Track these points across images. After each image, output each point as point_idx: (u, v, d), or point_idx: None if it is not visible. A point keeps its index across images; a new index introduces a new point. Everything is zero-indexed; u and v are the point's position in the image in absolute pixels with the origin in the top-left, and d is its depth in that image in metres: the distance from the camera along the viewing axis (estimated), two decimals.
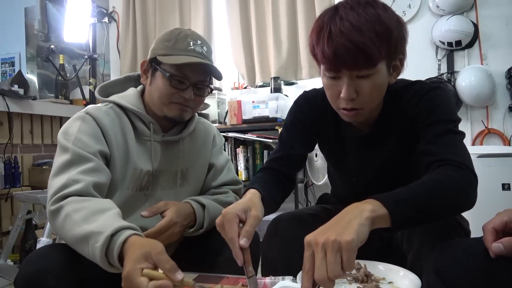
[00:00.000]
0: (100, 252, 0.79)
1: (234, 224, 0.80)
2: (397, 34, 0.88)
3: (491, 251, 0.67)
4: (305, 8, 2.84)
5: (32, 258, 0.90)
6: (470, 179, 0.84)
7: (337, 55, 0.84)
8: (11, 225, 2.33)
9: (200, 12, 3.18)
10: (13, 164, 2.44)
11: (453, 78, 2.55)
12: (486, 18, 2.51)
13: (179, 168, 1.17)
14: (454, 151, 0.87)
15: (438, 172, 0.84)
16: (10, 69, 3.72)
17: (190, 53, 1.07)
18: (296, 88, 2.96)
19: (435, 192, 0.79)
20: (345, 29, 0.83)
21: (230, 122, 2.76)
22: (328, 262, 0.65)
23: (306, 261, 0.68)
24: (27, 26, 3.63)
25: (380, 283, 0.86)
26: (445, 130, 0.91)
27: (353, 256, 0.66)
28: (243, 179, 2.75)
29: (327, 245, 0.66)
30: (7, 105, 2.21)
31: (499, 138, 2.50)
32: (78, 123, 1.03)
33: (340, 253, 0.65)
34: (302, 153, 1.12)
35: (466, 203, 0.83)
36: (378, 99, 0.95)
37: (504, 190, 1.98)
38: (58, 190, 0.92)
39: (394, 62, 0.92)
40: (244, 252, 0.79)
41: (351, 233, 0.66)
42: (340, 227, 0.68)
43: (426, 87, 0.98)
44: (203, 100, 1.15)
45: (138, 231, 0.85)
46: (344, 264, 0.65)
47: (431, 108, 0.94)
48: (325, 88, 0.95)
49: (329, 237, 0.66)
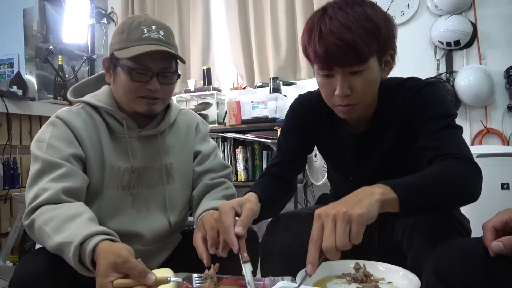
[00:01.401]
0: (74, 261, 0.80)
1: (230, 215, 0.84)
2: (385, 30, 0.91)
3: (491, 250, 0.67)
4: (303, 8, 2.84)
5: (26, 260, 0.90)
6: (475, 172, 0.85)
7: (329, 54, 0.87)
8: (10, 226, 2.33)
9: (199, 13, 3.18)
10: (12, 165, 2.44)
11: (452, 78, 2.55)
12: (484, 18, 2.51)
13: (162, 163, 1.12)
14: (456, 146, 0.89)
15: (444, 164, 0.85)
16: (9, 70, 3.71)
17: (146, 41, 1.01)
18: (295, 88, 2.96)
19: (442, 182, 0.80)
20: (335, 28, 0.86)
21: (229, 122, 2.76)
22: (337, 232, 0.68)
23: (314, 232, 0.71)
24: (25, 27, 3.63)
25: (379, 283, 0.86)
26: (444, 125, 0.92)
27: (362, 229, 0.68)
28: (242, 179, 2.75)
29: (338, 216, 0.69)
30: (5, 106, 2.21)
31: (498, 137, 2.50)
32: (50, 129, 1.01)
33: (349, 225, 0.68)
34: (300, 157, 1.14)
35: (472, 195, 0.84)
36: (372, 94, 0.97)
37: (503, 189, 1.98)
38: (30, 202, 0.91)
39: (385, 58, 0.95)
40: (239, 240, 0.81)
41: (362, 208, 0.69)
42: (351, 203, 0.71)
43: (419, 83, 1.00)
44: (172, 88, 1.09)
45: (108, 234, 0.84)
46: (353, 235, 0.68)
47: (427, 105, 0.95)
48: (320, 87, 0.97)
49: (340, 209, 0.69)
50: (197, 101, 2.96)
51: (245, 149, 2.79)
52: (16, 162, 2.46)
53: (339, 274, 0.92)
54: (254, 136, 2.70)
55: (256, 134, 2.71)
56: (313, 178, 2.67)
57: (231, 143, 2.80)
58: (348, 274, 0.91)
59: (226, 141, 2.82)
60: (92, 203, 0.98)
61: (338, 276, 0.92)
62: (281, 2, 2.91)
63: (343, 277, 0.91)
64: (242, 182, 2.74)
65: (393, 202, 0.74)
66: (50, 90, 3.20)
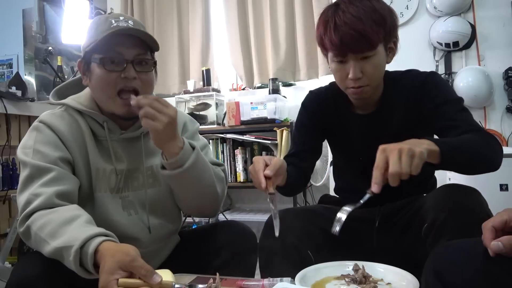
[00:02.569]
0: (74, 266, 0.79)
1: (261, 163, 0.97)
2: (390, 20, 1.06)
3: (491, 250, 0.67)
4: (303, 9, 2.84)
5: (23, 263, 0.89)
6: (499, 144, 0.99)
7: (343, 42, 1.01)
8: (9, 227, 2.32)
9: (198, 13, 3.18)
10: (11, 166, 2.44)
11: (451, 79, 2.56)
12: (483, 19, 2.51)
13: (146, 166, 1.09)
14: (476, 124, 1.03)
15: (474, 133, 0.98)
16: (8, 71, 3.71)
17: (114, 29, 0.97)
18: (294, 89, 2.96)
19: (476, 144, 0.95)
20: (348, 20, 1.00)
21: (229, 123, 2.76)
22: (403, 161, 0.81)
23: (379, 161, 0.84)
24: (25, 28, 3.63)
25: (378, 284, 0.86)
26: (460, 108, 1.06)
27: (421, 163, 0.81)
28: (241, 180, 2.75)
29: (403, 150, 0.82)
30: (5, 107, 2.20)
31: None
32: (34, 134, 1.00)
33: (412, 158, 0.81)
34: (314, 146, 1.26)
35: (497, 162, 0.97)
36: (380, 77, 1.11)
37: (502, 190, 1.98)
38: (22, 208, 0.90)
39: (389, 45, 1.10)
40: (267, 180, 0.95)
41: (422, 148, 0.83)
42: (411, 143, 0.84)
43: (423, 72, 1.15)
44: (150, 77, 1.03)
45: (108, 235, 0.83)
46: (413, 166, 0.81)
47: (437, 90, 1.09)
48: (334, 72, 1.10)
49: (404, 146, 0.83)
50: (196, 102, 2.97)
51: (244, 150, 2.79)
52: (15, 163, 2.46)
53: (338, 275, 0.92)
54: (253, 137, 2.70)
55: (255, 135, 2.71)
56: (312, 179, 2.67)
57: (230, 144, 2.80)
58: (347, 275, 0.91)
59: (225, 142, 2.82)
60: (84, 207, 0.96)
61: (337, 277, 0.92)
62: (280, 3, 2.91)
63: (342, 278, 0.91)
64: (241, 183, 2.74)
65: (436, 153, 0.87)
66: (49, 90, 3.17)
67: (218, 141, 2.84)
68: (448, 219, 0.90)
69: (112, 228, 0.90)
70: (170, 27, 3.26)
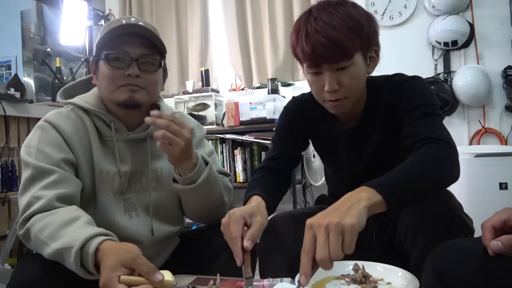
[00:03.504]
0: (75, 266, 0.79)
1: (240, 225, 0.83)
2: (367, 27, 0.97)
3: (490, 249, 0.67)
4: (301, 9, 2.84)
5: (23, 265, 0.89)
6: (450, 152, 0.89)
7: (316, 52, 0.93)
8: (8, 229, 2.32)
9: (197, 14, 3.18)
10: (10, 167, 2.43)
11: (450, 78, 2.56)
12: (481, 18, 2.52)
13: (151, 169, 1.08)
14: (433, 130, 0.93)
15: (420, 152, 0.89)
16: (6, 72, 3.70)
17: (119, 24, 0.99)
18: (293, 89, 2.96)
19: (420, 171, 0.84)
20: (320, 28, 0.92)
21: (228, 123, 2.76)
22: (330, 243, 0.68)
23: (307, 242, 0.71)
24: (23, 29, 3.62)
25: (378, 284, 0.86)
26: (424, 113, 0.96)
27: (355, 238, 0.69)
28: (241, 180, 2.75)
29: (330, 227, 0.69)
30: (3, 109, 2.20)
31: (496, 137, 2.50)
32: (38, 133, 0.99)
33: (342, 235, 0.69)
34: (295, 152, 1.19)
35: (451, 176, 0.87)
36: (359, 88, 1.02)
37: (501, 189, 1.98)
38: (23, 211, 0.90)
39: (370, 54, 1.01)
40: (244, 254, 0.81)
41: (353, 218, 0.70)
42: (341, 212, 0.72)
43: (404, 77, 1.05)
44: (155, 78, 1.03)
45: (109, 235, 0.83)
46: (346, 246, 0.68)
47: (409, 96, 1.00)
48: (310, 84, 1.02)
49: (332, 220, 0.70)
50: (195, 103, 2.97)
51: (244, 150, 2.79)
52: (14, 165, 2.46)
53: (338, 275, 0.92)
54: (252, 137, 2.70)
55: (255, 135, 2.71)
56: (312, 179, 2.67)
57: (230, 144, 2.80)
58: (347, 275, 0.91)
59: (225, 142, 2.82)
60: (86, 209, 0.96)
61: (337, 277, 0.92)
62: (278, 3, 2.91)
63: (342, 278, 0.91)
64: (241, 183, 2.74)
65: (380, 203, 0.76)
66: (48, 92, 3.19)
67: (218, 142, 2.84)
68: (419, 225, 0.91)
69: (113, 230, 0.90)
70: (168, 27, 3.26)
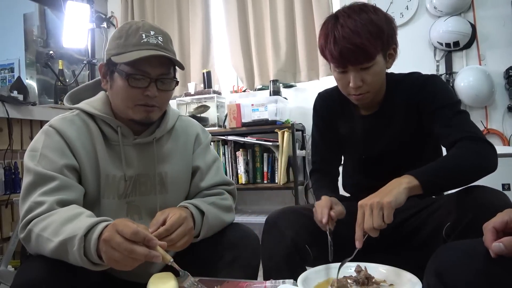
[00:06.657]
0: (79, 255, 0.79)
1: (329, 203, 1.08)
2: (387, 30, 1.09)
3: (492, 251, 0.67)
4: (303, 11, 2.84)
5: (26, 267, 0.89)
6: (486, 147, 1.02)
7: (343, 55, 1.06)
8: (12, 231, 2.33)
9: (199, 16, 3.18)
10: (13, 170, 2.44)
11: (452, 79, 2.55)
12: (483, 18, 2.51)
13: (156, 172, 1.10)
14: (467, 129, 1.06)
15: (458, 147, 1.02)
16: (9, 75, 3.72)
17: (144, 46, 0.98)
18: (295, 91, 2.96)
19: (458, 162, 0.99)
20: (346, 34, 1.05)
21: (230, 125, 2.76)
22: (374, 216, 0.89)
23: (358, 217, 0.93)
24: (26, 32, 3.64)
25: (380, 286, 0.86)
26: (455, 112, 1.09)
27: (391, 212, 0.89)
28: (243, 182, 2.75)
29: (373, 205, 0.91)
30: (6, 111, 2.21)
31: (499, 138, 2.50)
32: (42, 138, 1.00)
33: (382, 210, 0.89)
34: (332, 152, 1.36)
35: (488, 166, 1.00)
36: (380, 83, 1.15)
37: (504, 190, 1.98)
38: (23, 216, 0.90)
39: (389, 52, 1.13)
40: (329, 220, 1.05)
41: (391, 197, 0.90)
42: (383, 193, 0.92)
43: (424, 75, 1.19)
44: (169, 95, 1.07)
45: (111, 221, 0.83)
46: (385, 217, 0.88)
47: (434, 94, 1.12)
48: (336, 80, 1.16)
49: (375, 200, 0.91)
50: (197, 105, 2.97)
51: (246, 152, 2.79)
52: (17, 167, 2.47)
53: (340, 277, 0.92)
54: (254, 138, 2.70)
55: (257, 137, 2.71)
56: None
57: (232, 146, 2.80)
58: (349, 276, 0.91)
59: (227, 144, 2.82)
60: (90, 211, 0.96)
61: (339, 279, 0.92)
62: (280, 4, 2.92)
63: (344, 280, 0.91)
64: (243, 185, 2.74)
65: (417, 187, 0.93)
66: (51, 94, 3.21)
67: (219, 143, 2.84)
68: (474, 219, 0.90)
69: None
70: (170, 30, 3.27)
